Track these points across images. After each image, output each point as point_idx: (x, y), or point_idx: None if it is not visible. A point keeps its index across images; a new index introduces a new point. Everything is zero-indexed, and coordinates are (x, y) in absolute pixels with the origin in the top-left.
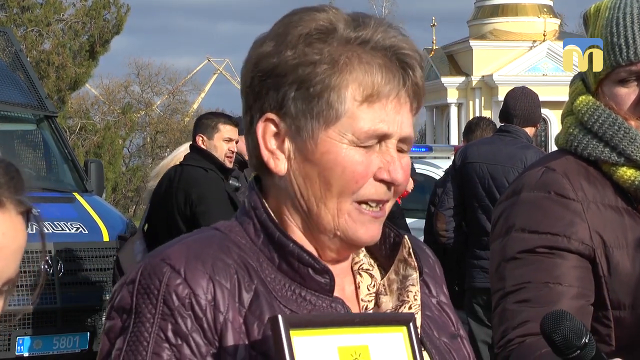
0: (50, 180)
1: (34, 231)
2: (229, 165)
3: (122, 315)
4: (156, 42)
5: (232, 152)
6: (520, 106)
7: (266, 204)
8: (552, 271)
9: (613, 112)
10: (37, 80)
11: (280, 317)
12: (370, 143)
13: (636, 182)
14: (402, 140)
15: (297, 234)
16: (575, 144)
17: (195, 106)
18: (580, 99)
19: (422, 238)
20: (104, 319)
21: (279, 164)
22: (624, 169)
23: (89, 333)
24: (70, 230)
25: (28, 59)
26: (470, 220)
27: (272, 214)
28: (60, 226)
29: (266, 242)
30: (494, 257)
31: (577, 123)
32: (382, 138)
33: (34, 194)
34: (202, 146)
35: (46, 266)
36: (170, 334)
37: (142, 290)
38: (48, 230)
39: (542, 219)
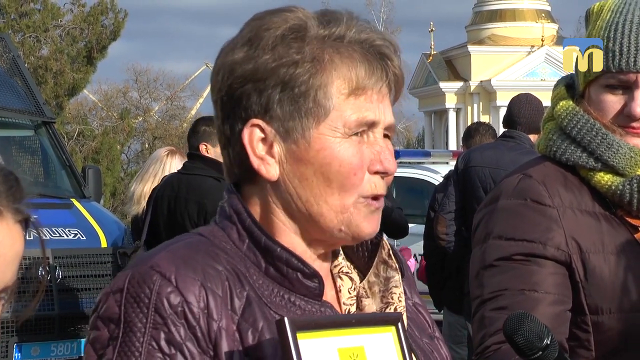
0: (48, 186)
1: (32, 237)
2: None
3: (108, 325)
4: (154, 48)
5: None
6: (525, 113)
7: (249, 209)
8: (529, 278)
9: (592, 117)
10: (34, 86)
11: (286, 319)
12: (360, 130)
13: (613, 187)
14: (387, 128)
15: (289, 238)
16: (554, 149)
17: (193, 112)
18: (560, 104)
19: (421, 243)
20: (88, 329)
21: (270, 169)
22: (601, 174)
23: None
24: (68, 236)
25: (26, 64)
26: (470, 224)
27: (257, 219)
28: (58, 232)
29: (252, 247)
30: (474, 264)
31: (557, 128)
32: (370, 126)
33: (31, 200)
34: (207, 154)
35: (44, 273)
36: (163, 344)
37: (132, 299)
38: (46, 236)
39: (519, 226)
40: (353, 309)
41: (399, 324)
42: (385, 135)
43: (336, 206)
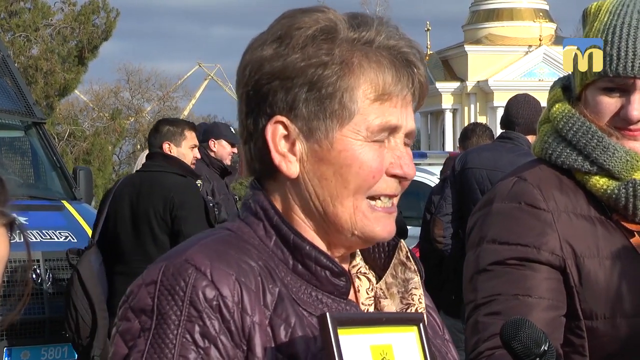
0: (38, 188)
1: (21, 239)
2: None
3: (140, 316)
4: (147, 47)
5: (196, 159)
6: (523, 114)
7: (276, 206)
8: (522, 283)
9: (587, 120)
10: (25, 86)
11: (328, 315)
12: (381, 137)
13: (608, 191)
14: (407, 134)
15: (310, 235)
16: (550, 152)
17: (185, 112)
18: (556, 106)
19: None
20: (116, 320)
21: (291, 166)
22: (597, 177)
23: None
24: (58, 238)
25: (16, 64)
26: None
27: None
28: (49, 234)
29: (279, 244)
30: (468, 268)
31: (553, 131)
32: (391, 132)
33: (22, 202)
34: (170, 154)
35: (34, 275)
36: (197, 336)
37: (166, 291)
38: (36, 239)
39: (513, 230)
40: (371, 310)
41: (421, 325)
42: (405, 144)
43: (349, 207)
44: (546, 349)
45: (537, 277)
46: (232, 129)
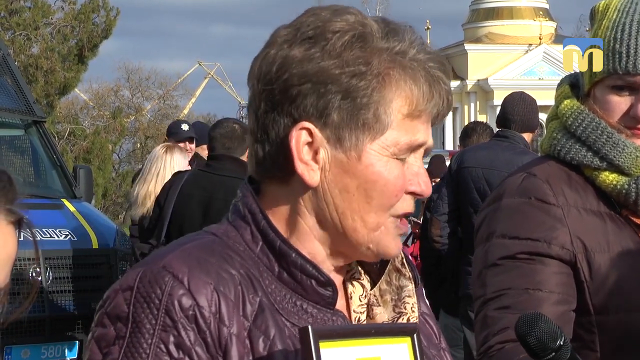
0: (38, 186)
1: (22, 238)
2: None
3: (116, 323)
4: (146, 46)
5: None
6: (519, 112)
7: (264, 209)
8: (533, 277)
9: (597, 116)
10: (25, 85)
11: (310, 328)
12: (405, 155)
13: (618, 187)
14: (425, 150)
15: (312, 245)
16: (559, 148)
17: (185, 111)
18: (565, 103)
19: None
20: (92, 324)
21: (314, 175)
22: (606, 173)
23: (77, 342)
24: (58, 237)
25: (16, 63)
26: (465, 226)
27: (272, 221)
28: (49, 233)
29: (265, 250)
30: (476, 263)
31: (561, 127)
32: (415, 149)
33: (22, 201)
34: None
35: (34, 274)
36: (172, 347)
37: (142, 298)
38: (36, 237)
39: (523, 224)
40: (363, 317)
41: (415, 335)
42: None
43: (370, 224)
44: (562, 343)
45: (547, 271)
46: None
